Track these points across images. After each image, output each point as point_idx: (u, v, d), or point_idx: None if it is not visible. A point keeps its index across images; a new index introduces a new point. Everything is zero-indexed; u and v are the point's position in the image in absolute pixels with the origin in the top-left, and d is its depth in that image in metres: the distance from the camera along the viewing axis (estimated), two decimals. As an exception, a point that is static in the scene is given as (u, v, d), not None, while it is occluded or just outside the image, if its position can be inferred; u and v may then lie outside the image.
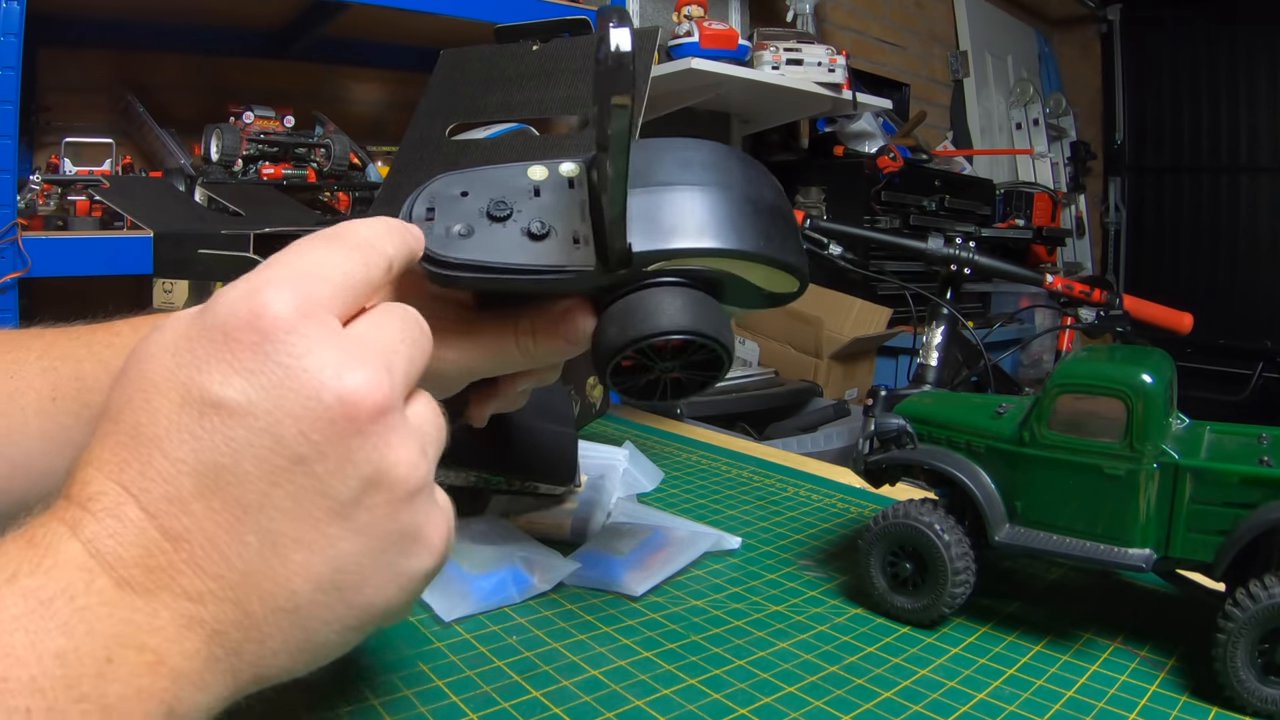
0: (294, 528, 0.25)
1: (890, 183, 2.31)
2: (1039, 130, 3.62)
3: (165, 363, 0.25)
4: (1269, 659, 0.36)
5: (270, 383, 0.25)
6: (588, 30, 0.80)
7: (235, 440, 0.24)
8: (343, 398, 0.25)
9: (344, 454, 0.25)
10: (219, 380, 0.24)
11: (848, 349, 2.01)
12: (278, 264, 0.27)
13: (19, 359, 0.39)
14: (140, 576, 0.23)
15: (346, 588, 0.26)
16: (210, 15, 1.49)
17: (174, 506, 0.24)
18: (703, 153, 0.34)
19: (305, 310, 0.26)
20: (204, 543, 0.24)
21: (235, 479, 0.24)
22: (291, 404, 0.24)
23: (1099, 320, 1.57)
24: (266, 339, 0.25)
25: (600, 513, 0.57)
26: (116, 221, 1.23)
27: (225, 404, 0.24)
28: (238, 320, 0.25)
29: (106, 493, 0.24)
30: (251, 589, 0.24)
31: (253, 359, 0.25)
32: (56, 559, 0.22)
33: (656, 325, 0.33)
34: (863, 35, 3.03)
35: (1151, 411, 0.39)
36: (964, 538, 0.43)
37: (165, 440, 0.24)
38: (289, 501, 0.25)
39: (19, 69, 1.02)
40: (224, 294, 0.26)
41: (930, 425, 0.46)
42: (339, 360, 0.25)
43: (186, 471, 0.24)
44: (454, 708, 0.36)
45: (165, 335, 0.26)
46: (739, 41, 1.92)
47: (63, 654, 0.21)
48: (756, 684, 0.39)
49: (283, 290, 0.26)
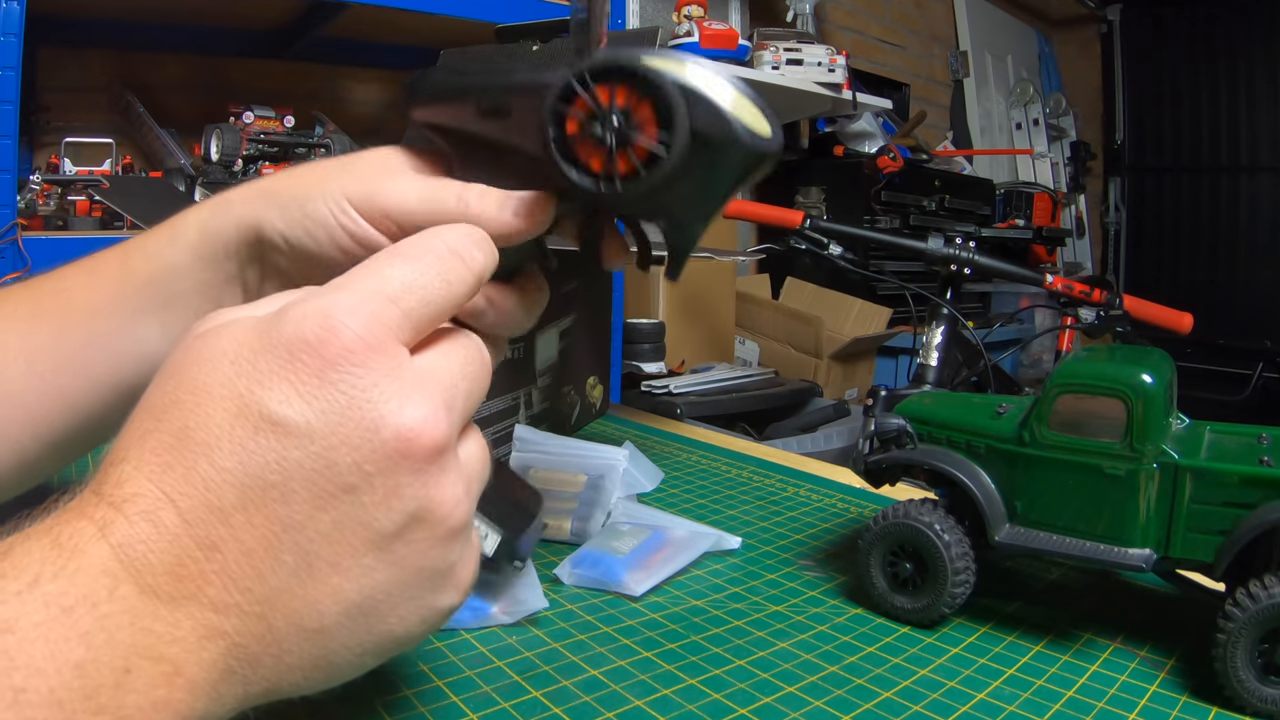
0: (332, 552, 0.25)
1: (890, 183, 2.32)
2: (1039, 130, 3.63)
3: (223, 370, 0.25)
4: (1269, 659, 0.36)
5: (331, 409, 0.24)
6: (588, 30, 0.80)
7: (288, 460, 0.24)
8: (401, 434, 0.25)
9: (393, 488, 0.25)
10: (280, 398, 0.24)
11: (848, 349, 2.01)
12: (353, 281, 0.27)
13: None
14: (168, 584, 0.23)
15: (373, 615, 0.26)
16: (210, 15, 1.49)
17: (214, 516, 0.24)
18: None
19: (374, 340, 0.25)
20: (239, 555, 0.24)
21: (281, 497, 0.24)
22: (349, 433, 0.24)
23: (1099, 320, 1.57)
24: (332, 366, 0.25)
25: (600, 513, 0.57)
26: (116, 221, 1.23)
27: (283, 423, 0.24)
28: (305, 342, 0.25)
29: (144, 495, 0.24)
30: (279, 606, 0.24)
31: (317, 384, 0.24)
32: (81, 563, 0.22)
33: (614, 56, 0.29)
34: (863, 35, 3.03)
35: (1151, 411, 0.39)
36: (964, 538, 0.43)
37: (214, 448, 0.24)
38: (331, 527, 0.25)
39: (19, 69, 1.02)
40: (293, 309, 0.26)
41: (930, 425, 0.46)
42: (402, 395, 0.25)
43: (232, 483, 0.24)
44: (454, 708, 0.36)
45: (224, 343, 0.26)
46: (739, 41, 1.92)
47: (82, 665, 0.21)
48: (756, 684, 0.39)
49: (353, 316, 0.25)
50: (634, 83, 0.30)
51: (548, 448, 0.64)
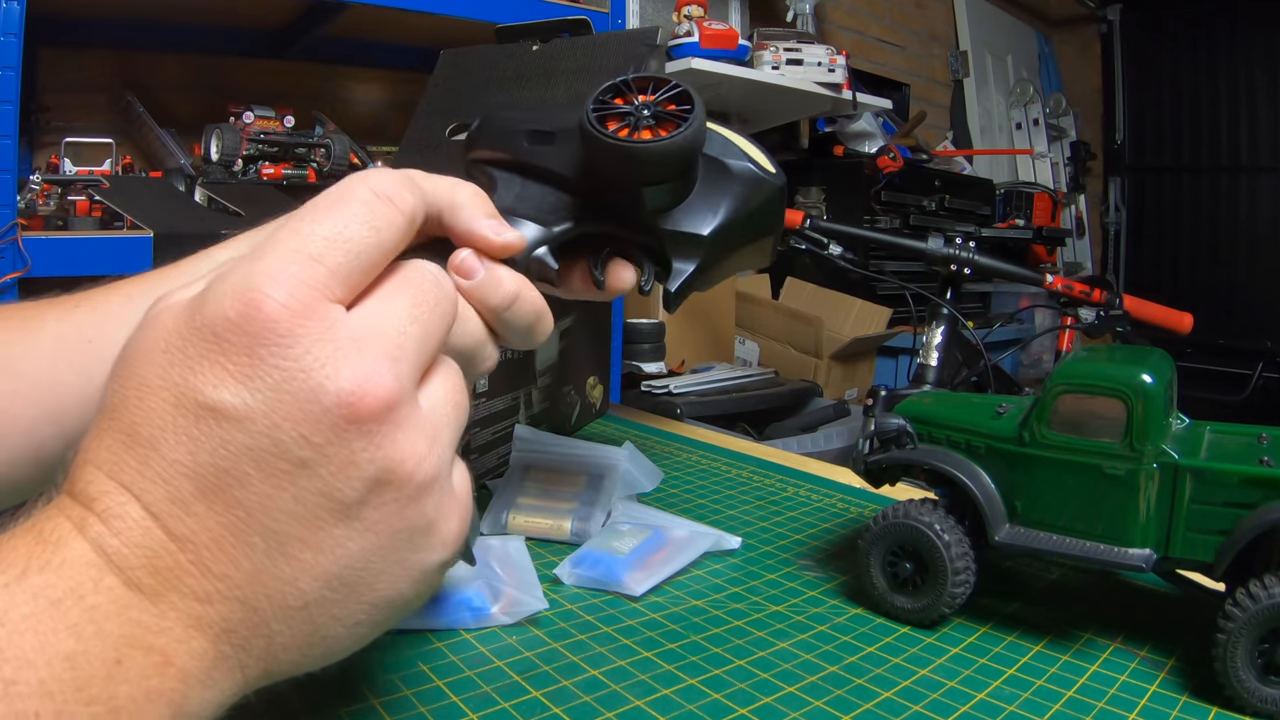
0: (300, 529, 0.24)
1: (890, 183, 2.31)
2: (1039, 130, 3.62)
3: (157, 361, 0.24)
4: (1269, 659, 0.36)
5: (265, 385, 0.24)
6: (588, 30, 0.80)
7: (233, 444, 0.23)
8: (342, 399, 0.24)
9: (347, 456, 0.24)
10: (212, 383, 0.24)
11: (848, 349, 2.01)
12: (273, 246, 0.25)
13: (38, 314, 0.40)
14: (147, 578, 0.23)
15: (356, 585, 0.25)
16: (210, 15, 1.49)
17: (176, 508, 0.23)
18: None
19: (300, 305, 0.24)
20: (209, 544, 0.24)
21: (236, 482, 0.24)
22: (289, 407, 0.24)
23: (1099, 320, 1.57)
24: (259, 341, 0.24)
25: (600, 513, 0.57)
26: (116, 221, 1.23)
27: (220, 408, 0.23)
28: (228, 321, 0.24)
29: (108, 492, 0.24)
30: (259, 588, 0.24)
31: (246, 362, 0.24)
32: (65, 556, 0.22)
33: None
34: (863, 35, 3.03)
35: (1151, 411, 0.39)
36: (964, 538, 0.43)
37: (161, 442, 0.24)
38: (294, 504, 0.24)
39: (19, 69, 1.02)
40: (214, 287, 0.25)
41: (930, 425, 0.46)
42: (338, 357, 0.24)
43: (185, 473, 0.24)
44: (454, 708, 0.36)
45: (154, 332, 0.25)
46: (739, 41, 1.92)
47: (72, 656, 0.21)
48: (756, 684, 0.39)
49: (275, 284, 0.24)
50: (661, 84, 0.36)
51: (548, 448, 0.64)
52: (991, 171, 3.32)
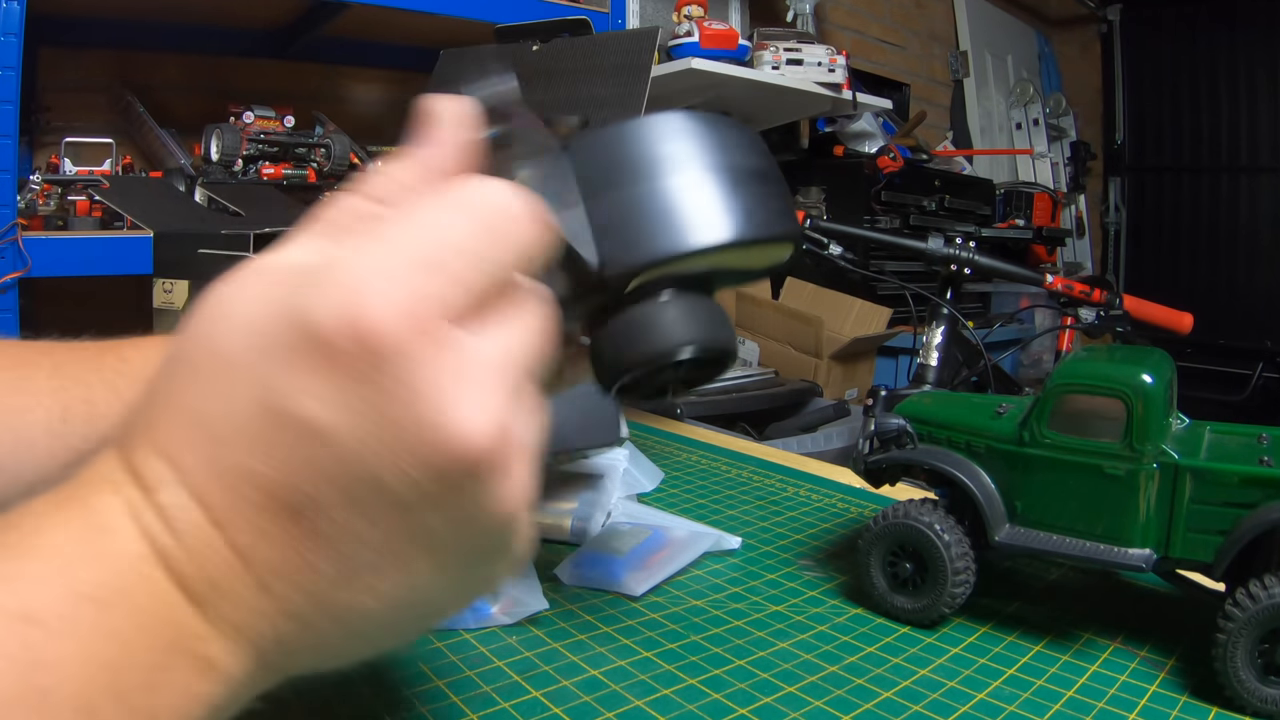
0: (376, 558, 0.22)
1: (890, 183, 2.31)
2: (1039, 130, 3.62)
3: (243, 344, 0.21)
4: (1269, 659, 0.36)
5: (369, 408, 0.21)
6: (588, 30, 0.80)
7: (319, 465, 0.21)
8: (454, 439, 0.21)
9: (446, 495, 0.22)
10: (307, 393, 0.21)
11: (848, 349, 2.01)
12: (390, 244, 0.22)
13: (27, 375, 0.37)
14: (200, 585, 0.21)
15: (419, 605, 0.24)
16: (210, 15, 1.49)
17: (241, 519, 0.21)
18: (666, 131, 0.30)
19: (418, 323, 0.21)
20: (273, 564, 0.21)
21: (314, 506, 0.21)
22: (392, 438, 0.21)
23: (1099, 320, 1.57)
24: (369, 358, 0.21)
25: (600, 513, 0.57)
26: (116, 221, 1.23)
27: (313, 424, 0.21)
28: (335, 329, 0.20)
29: (167, 484, 0.21)
30: (318, 608, 0.22)
31: (349, 379, 0.21)
32: (115, 548, 0.20)
33: (653, 348, 0.30)
34: (863, 35, 3.03)
35: (1151, 411, 0.39)
36: (964, 538, 0.43)
37: (235, 444, 0.21)
38: (379, 538, 0.22)
39: (19, 69, 1.02)
40: (322, 285, 0.21)
41: (930, 425, 0.46)
42: (454, 391, 0.21)
43: (257, 484, 0.21)
44: (454, 708, 0.36)
45: (246, 303, 0.22)
46: (739, 41, 1.92)
47: (114, 664, 0.19)
48: (756, 684, 0.39)
49: (393, 294, 0.21)
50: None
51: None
52: (991, 171, 3.32)
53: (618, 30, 1.54)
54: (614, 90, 0.73)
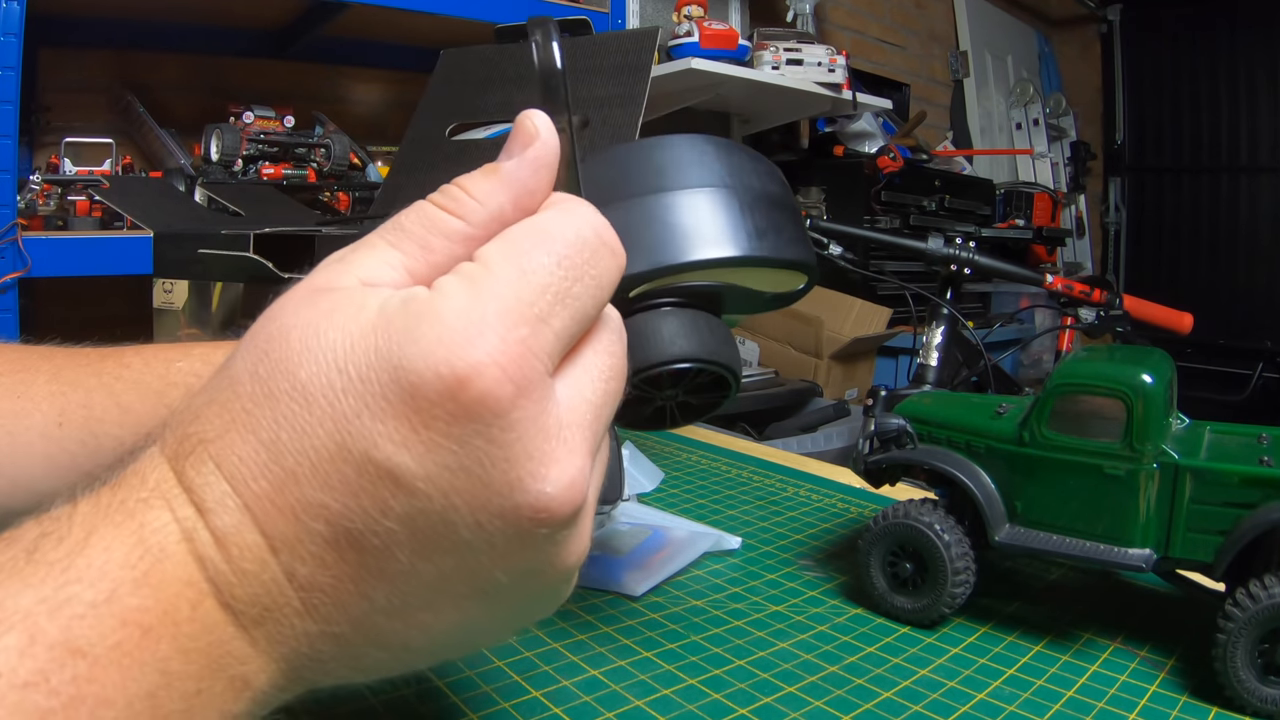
0: (431, 597, 0.22)
1: (890, 183, 2.31)
2: (1039, 130, 3.62)
3: (329, 382, 0.20)
4: (1269, 659, 0.36)
5: (456, 466, 0.20)
6: (588, 30, 0.80)
7: (394, 512, 0.20)
8: (538, 501, 0.21)
9: (517, 551, 0.22)
10: (394, 441, 0.20)
11: (848, 349, 2.01)
12: (490, 290, 0.21)
13: (26, 379, 0.38)
14: (248, 609, 0.21)
15: (464, 644, 0.24)
16: (210, 15, 1.50)
17: (301, 549, 0.21)
18: (684, 149, 0.31)
19: (521, 381, 0.20)
20: (327, 591, 0.21)
21: (380, 546, 0.21)
22: (476, 494, 0.20)
23: (1099, 320, 1.58)
24: (467, 418, 0.20)
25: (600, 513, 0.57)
26: (116, 221, 1.23)
27: (396, 473, 0.20)
28: (434, 381, 0.20)
29: (227, 508, 0.21)
30: (362, 632, 0.22)
31: (442, 435, 0.20)
32: (165, 573, 0.20)
33: (647, 358, 0.30)
34: (863, 35, 3.03)
35: (1151, 411, 0.39)
36: (964, 538, 0.43)
37: (307, 480, 0.20)
38: (435, 576, 0.22)
39: (19, 69, 1.02)
40: (422, 335, 0.20)
41: (930, 425, 0.46)
42: (544, 451, 0.21)
43: (327, 519, 0.20)
44: (454, 708, 0.36)
45: (334, 333, 0.21)
46: (739, 41, 1.92)
47: (154, 693, 0.19)
48: (756, 684, 0.39)
49: (499, 352, 0.20)
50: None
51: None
52: (991, 171, 3.32)
53: (618, 30, 1.54)
54: (614, 90, 0.73)
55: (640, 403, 0.33)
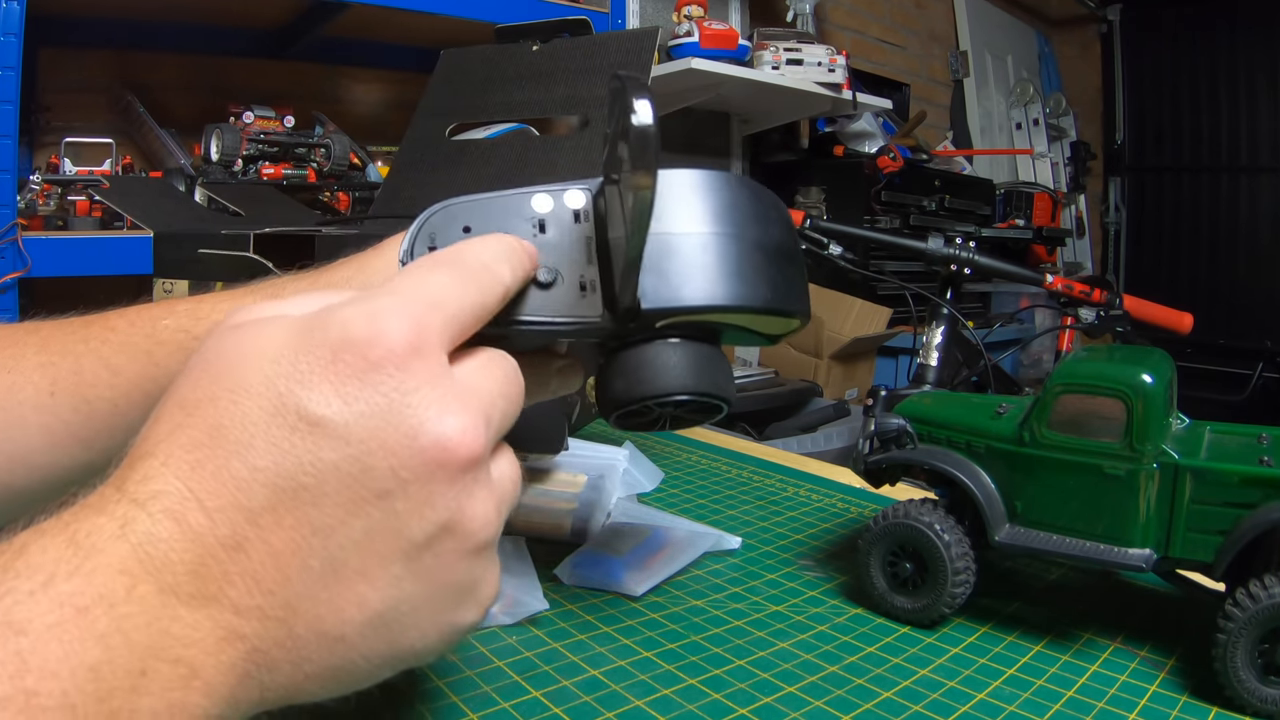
0: (360, 559, 0.24)
1: (890, 183, 2.32)
2: (1039, 130, 3.62)
3: (263, 369, 0.24)
4: (1269, 659, 0.36)
5: (371, 411, 0.24)
6: (588, 30, 0.80)
7: (323, 461, 0.24)
8: (439, 441, 0.25)
9: (427, 497, 0.25)
10: (319, 398, 0.24)
11: (848, 349, 2.01)
12: (398, 287, 0.27)
13: (16, 354, 0.38)
14: (189, 585, 0.23)
15: (395, 627, 0.26)
16: (210, 15, 1.50)
17: (241, 515, 0.23)
18: (709, 191, 0.33)
19: (418, 344, 0.25)
20: (264, 557, 0.23)
21: (313, 500, 0.24)
22: (388, 437, 0.24)
23: (1099, 320, 1.58)
24: (375, 368, 0.24)
25: (600, 513, 0.56)
26: (116, 221, 1.23)
27: (321, 423, 0.24)
28: (349, 342, 0.24)
29: (170, 492, 0.23)
30: (302, 612, 0.24)
31: (358, 385, 0.24)
32: (98, 561, 0.22)
33: (664, 386, 0.33)
34: (863, 35, 3.03)
35: (1151, 411, 0.39)
36: (964, 538, 0.43)
37: (249, 447, 0.24)
38: (362, 533, 0.24)
39: (19, 69, 1.02)
40: (340, 310, 0.25)
41: (930, 425, 0.46)
42: (442, 402, 0.25)
43: (264, 482, 0.23)
44: (454, 708, 0.36)
45: (264, 341, 0.25)
46: (739, 41, 1.92)
47: (97, 667, 0.20)
48: (756, 684, 0.39)
49: (400, 320, 0.25)
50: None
51: (548, 448, 0.64)
52: (991, 171, 3.32)
53: (618, 30, 1.54)
54: (614, 90, 0.72)
55: (640, 413, 0.36)
